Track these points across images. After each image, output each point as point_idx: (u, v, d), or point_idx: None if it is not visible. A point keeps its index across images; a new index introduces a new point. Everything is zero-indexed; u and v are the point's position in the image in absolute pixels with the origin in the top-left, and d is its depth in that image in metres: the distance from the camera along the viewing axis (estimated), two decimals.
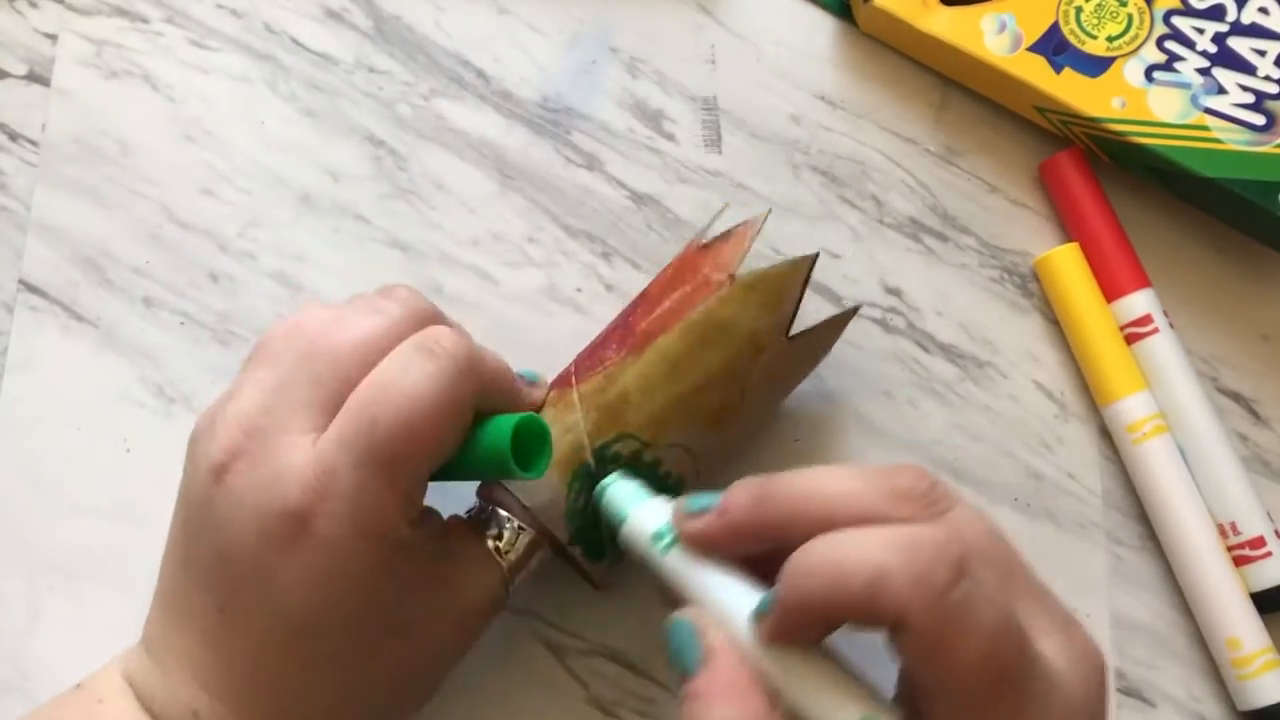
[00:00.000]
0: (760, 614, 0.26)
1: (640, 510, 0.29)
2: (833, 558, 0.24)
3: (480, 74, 0.40)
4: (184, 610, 0.30)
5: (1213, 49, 0.38)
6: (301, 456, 0.27)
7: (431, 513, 0.31)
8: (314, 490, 0.27)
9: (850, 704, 0.25)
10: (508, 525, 0.31)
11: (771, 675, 0.25)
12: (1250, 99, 0.38)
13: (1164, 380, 0.38)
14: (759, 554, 0.27)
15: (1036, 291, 0.40)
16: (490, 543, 0.31)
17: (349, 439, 0.27)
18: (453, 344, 0.29)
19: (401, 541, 0.28)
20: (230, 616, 0.29)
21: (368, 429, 0.27)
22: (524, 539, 0.32)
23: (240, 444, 0.28)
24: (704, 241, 0.35)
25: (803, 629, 0.25)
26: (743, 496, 0.27)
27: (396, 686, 0.30)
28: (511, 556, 0.31)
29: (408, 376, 0.28)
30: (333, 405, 0.28)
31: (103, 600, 0.36)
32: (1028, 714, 0.24)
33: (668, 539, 0.28)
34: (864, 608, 0.24)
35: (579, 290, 0.39)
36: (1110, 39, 0.39)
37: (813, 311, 0.39)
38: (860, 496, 0.26)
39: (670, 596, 0.28)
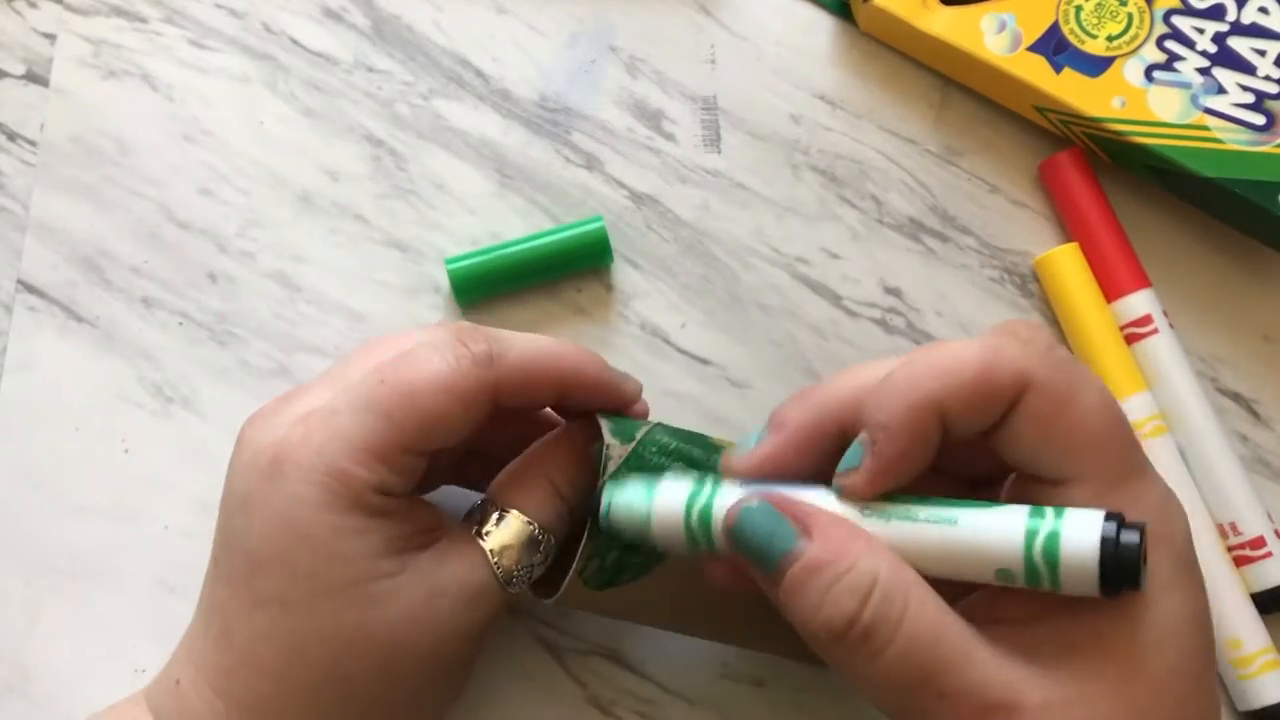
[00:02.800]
0: (849, 469, 0.24)
1: (661, 493, 0.27)
2: (934, 361, 0.24)
3: (479, 74, 0.40)
4: (204, 597, 0.30)
5: (1213, 49, 0.38)
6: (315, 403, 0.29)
7: (427, 505, 0.30)
8: (301, 425, 0.28)
9: (985, 553, 0.23)
10: (494, 514, 0.30)
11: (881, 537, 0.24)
12: (1250, 99, 0.38)
13: (1164, 380, 0.38)
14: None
15: (1036, 291, 0.40)
16: (474, 529, 0.30)
17: (354, 387, 0.28)
18: (486, 342, 0.29)
19: (371, 508, 0.27)
20: (214, 565, 0.29)
21: (373, 383, 0.28)
22: (512, 524, 0.29)
23: (289, 436, 0.28)
24: None
25: (906, 460, 0.24)
26: (787, 411, 0.26)
27: (364, 666, 0.28)
28: (497, 544, 0.29)
29: (428, 354, 0.28)
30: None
31: (102, 600, 0.36)
32: (1149, 472, 0.24)
33: (707, 492, 0.26)
34: (983, 387, 0.23)
35: (579, 291, 0.39)
36: (1110, 38, 0.39)
37: (817, 314, 0.39)
38: (890, 360, 0.26)
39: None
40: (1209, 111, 0.38)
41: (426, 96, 0.40)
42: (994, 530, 0.23)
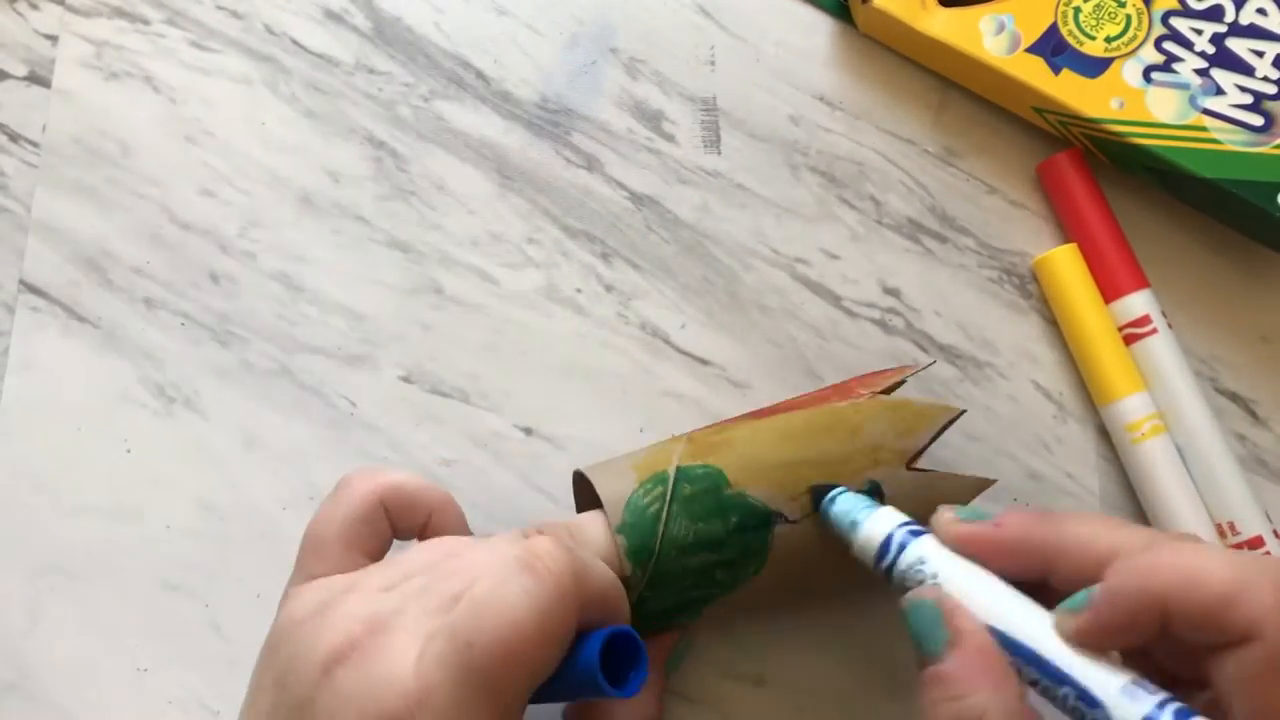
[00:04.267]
0: (1071, 609, 0.25)
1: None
2: (1184, 561, 0.25)
3: (480, 75, 0.41)
4: None
5: (1211, 50, 0.38)
6: (408, 665, 0.26)
7: None
8: (414, 702, 0.26)
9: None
10: None
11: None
12: (1248, 100, 0.38)
13: (1162, 381, 0.38)
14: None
15: (1035, 292, 0.40)
16: None
17: (448, 659, 0.26)
18: (555, 561, 0.27)
19: None
20: None
21: (464, 650, 0.26)
22: None
23: (358, 637, 0.27)
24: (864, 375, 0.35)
25: (1118, 632, 0.25)
26: (1019, 516, 0.28)
27: None
28: None
29: (506, 594, 0.26)
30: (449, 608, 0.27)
31: (103, 600, 0.36)
32: None
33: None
34: (1214, 614, 0.24)
35: (578, 291, 0.39)
36: (1108, 40, 0.39)
37: (816, 314, 0.39)
38: (1145, 536, 0.26)
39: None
40: (1207, 112, 0.38)
41: (427, 98, 0.40)
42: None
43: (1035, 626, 0.26)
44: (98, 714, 0.35)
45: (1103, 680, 0.25)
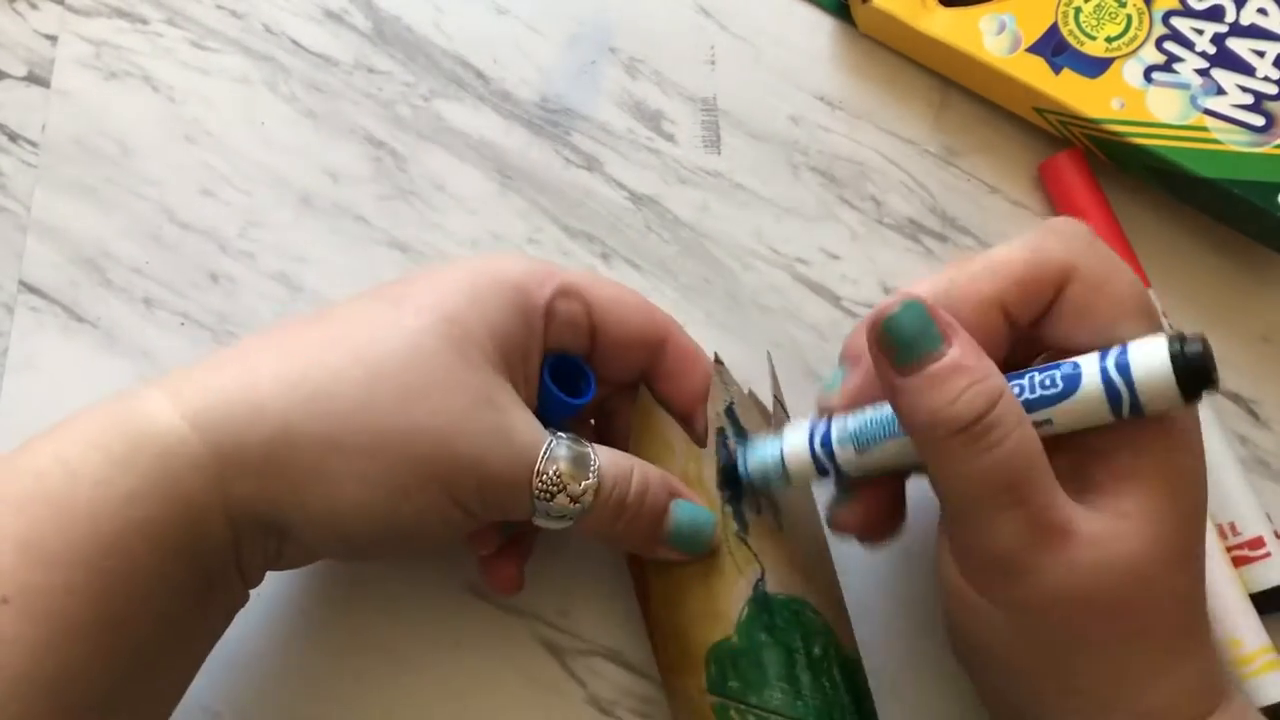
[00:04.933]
0: (829, 389, 0.31)
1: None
2: (984, 262, 0.28)
3: (480, 75, 0.41)
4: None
5: (1212, 50, 0.38)
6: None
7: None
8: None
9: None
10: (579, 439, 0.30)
11: None
12: (1249, 100, 0.38)
13: None
14: None
15: None
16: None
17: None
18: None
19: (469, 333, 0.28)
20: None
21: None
22: (582, 447, 0.29)
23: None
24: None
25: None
26: (860, 337, 0.30)
27: (392, 444, 0.27)
28: (557, 446, 0.29)
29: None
30: None
31: None
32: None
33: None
34: (1031, 280, 0.28)
35: None
36: (1109, 40, 0.39)
37: (816, 314, 0.39)
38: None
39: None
40: (1208, 112, 0.38)
41: (427, 97, 0.40)
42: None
43: None
44: None
45: None
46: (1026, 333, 0.29)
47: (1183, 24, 0.39)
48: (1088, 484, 0.28)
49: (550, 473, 0.28)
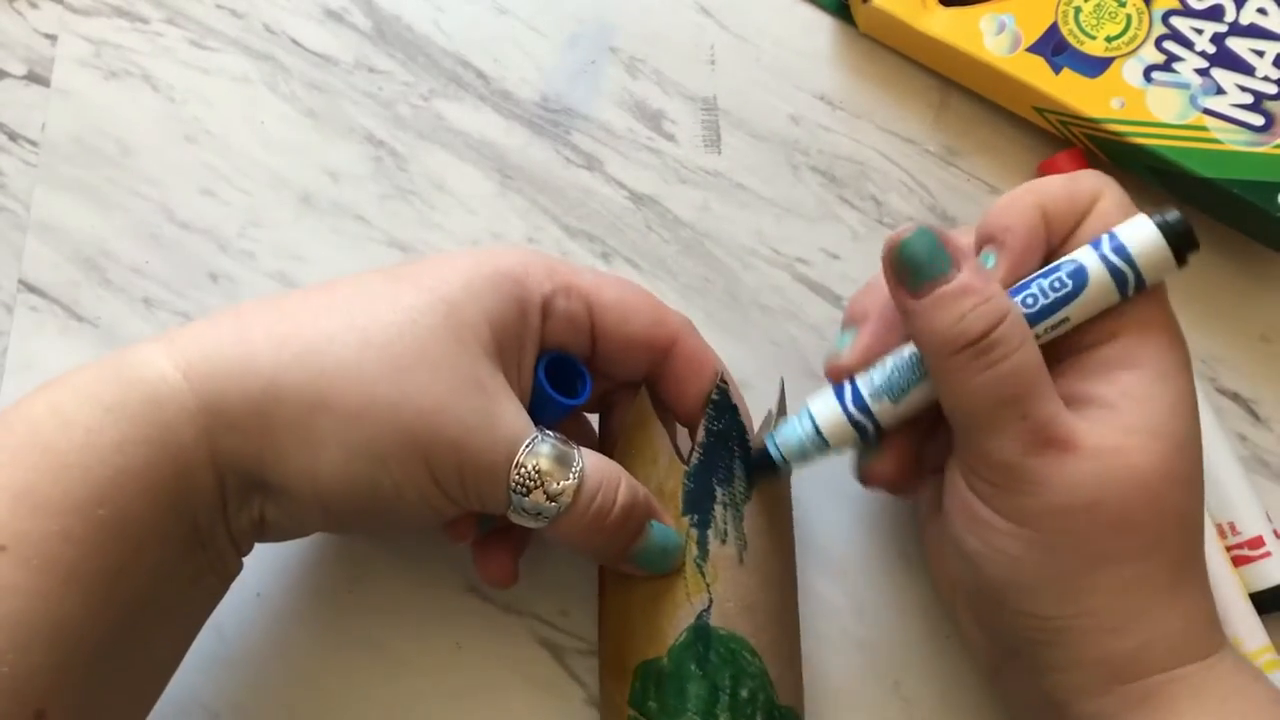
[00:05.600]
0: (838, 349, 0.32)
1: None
2: (1021, 187, 0.31)
3: (480, 74, 0.40)
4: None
5: (1211, 49, 0.38)
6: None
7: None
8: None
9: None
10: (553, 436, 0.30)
11: None
12: (1249, 99, 0.38)
13: None
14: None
15: None
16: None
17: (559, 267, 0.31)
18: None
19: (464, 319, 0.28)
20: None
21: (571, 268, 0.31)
22: (567, 446, 0.29)
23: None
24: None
25: (1030, 254, 0.30)
26: (865, 295, 0.32)
27: (388, 411, 0.27)
28: (540, 442, 0.29)
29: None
30: None
31: None
32: None
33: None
34: (1069, 194, 0.30)
35: None
36: (1109, 39, 0.39)
37: (816, 314, 0.39)
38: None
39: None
40: (1208, 112, 0.38)
41: (427, 97, 0.40)
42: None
43: None
44: None
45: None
46: (1058, 249, 0.30)
47: (1182, 23, 0.39)
48: (1090, 401, 0.29)
49: (530, 466, 0.28)
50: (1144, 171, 0.39)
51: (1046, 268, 0.30)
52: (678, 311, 0.33)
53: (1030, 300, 0.29)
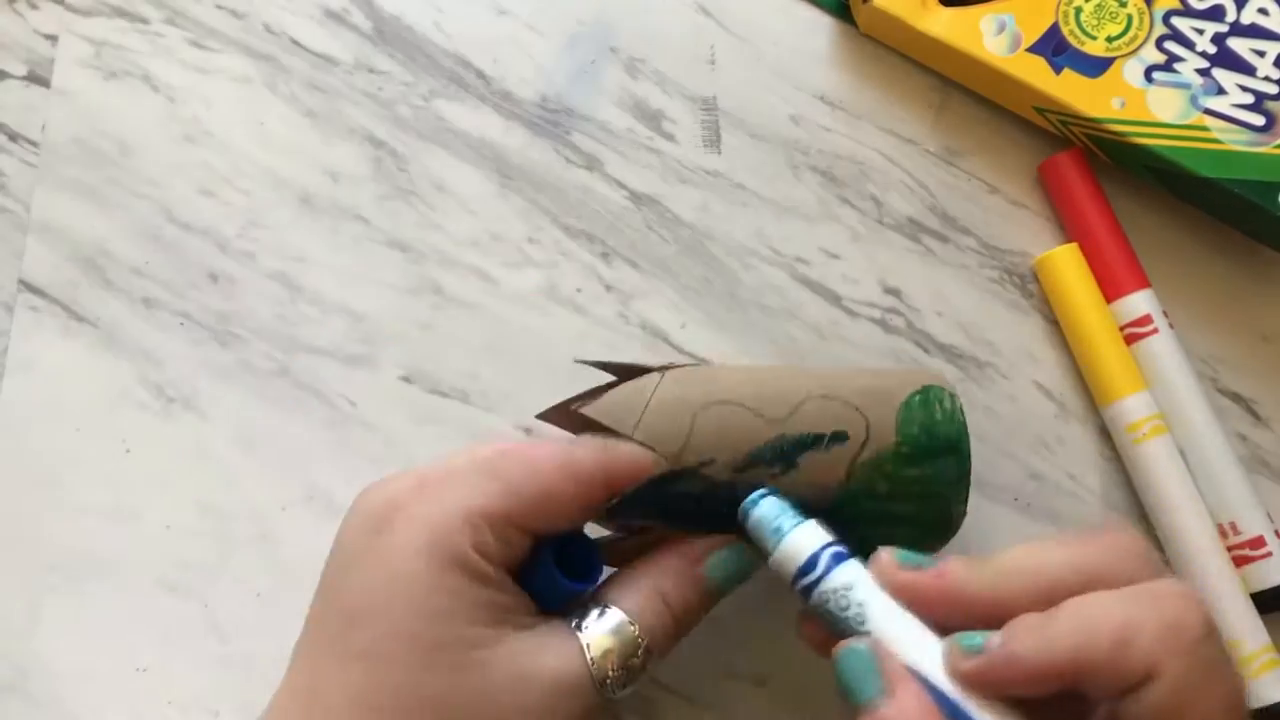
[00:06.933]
0: (969, 649, 0.25)
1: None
2: (1082, 618, 0.24)
3: (480, 74, 0.40)
4: (293, 663, 0.29)
5: (1212, 49, 0.38)
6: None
7: (528, 595, 0.30)
8: (416, 486, 0.28)
9: None
10: (595, 610, 0.29)
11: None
12: (1250, 99, 0.38)
13: (1164, 380, 0.38)
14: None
15: (1036, 292, 0.40)
16: (574, 623, 0.29)
17: (476, 456, 0.28)
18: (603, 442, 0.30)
19: (473, 569, 0.27)
20: (308, 628, 0.28)
21: (495, 454, 0.29)
22: (612, 620, 0.29)
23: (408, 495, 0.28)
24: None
25: (1011, 685, 0.25)
26: (960, 565, 0.27)
27: None
28: (595, 640, 0.28)
29: (550, 442, 0.30)
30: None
31: (103, 600, 0.36)
32: None
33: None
34: (1111, 666, 0.23)
35: (579, 290, 0.39)
36: (1110, 39, 0.39)
37: (816, 314, 0.39)
38: (1084, 558, 0.26)
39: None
40: (1208, 112, 0.38)
41: (427, 97, 0.40)
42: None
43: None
44: (97, 714, 0.35)
45: None
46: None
47: (1183, 24, 0.39)
48: None
49: (612, 674, 0.28)
50: (1144, 171, 0.39)
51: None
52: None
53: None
